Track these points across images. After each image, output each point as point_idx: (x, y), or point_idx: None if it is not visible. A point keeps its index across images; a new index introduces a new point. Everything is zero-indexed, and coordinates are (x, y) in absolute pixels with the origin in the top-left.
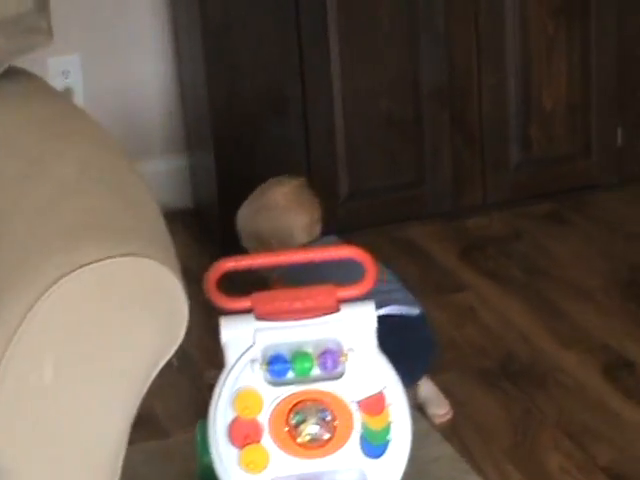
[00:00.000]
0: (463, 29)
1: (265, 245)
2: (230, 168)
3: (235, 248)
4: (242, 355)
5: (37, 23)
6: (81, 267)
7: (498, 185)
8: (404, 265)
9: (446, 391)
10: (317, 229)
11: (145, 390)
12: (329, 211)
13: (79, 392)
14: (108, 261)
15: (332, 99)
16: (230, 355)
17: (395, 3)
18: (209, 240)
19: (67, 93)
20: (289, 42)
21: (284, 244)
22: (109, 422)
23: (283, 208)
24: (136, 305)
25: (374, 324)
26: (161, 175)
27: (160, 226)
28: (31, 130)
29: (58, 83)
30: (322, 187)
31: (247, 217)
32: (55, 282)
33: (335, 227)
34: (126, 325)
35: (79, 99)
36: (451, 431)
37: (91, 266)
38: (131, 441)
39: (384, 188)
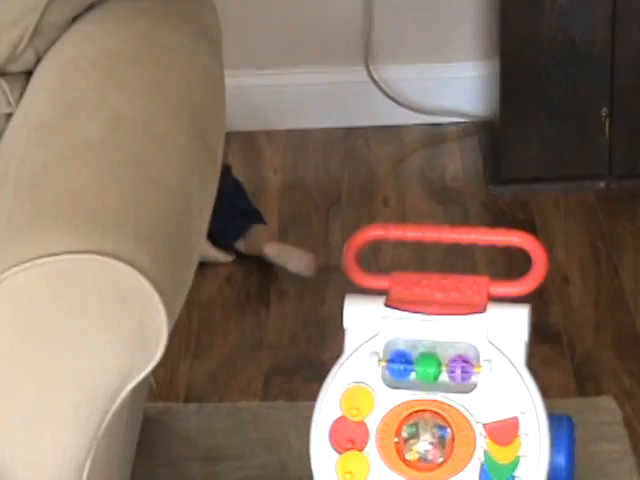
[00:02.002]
0: None
1: None
2: (518, 85)
3: (509, 169)
4: (362, 345)
5: None
6: (33, 259)
7: None
8: None
9: None
10: None
11: (112, 411)
12: (631, 148)
13: (24, 409)
14: (66, 257)
15: None
16: (349, 342)
17: None
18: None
19: None
20: None
21: None
22: (61, 446)
23: None
24: (97, 314)
25: (526, 334)
26: (466, 81)
27: (168, 216)
28: (96, 68)
29: None
30: (626, 122)
31: None
32: (2, 272)
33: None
34: (82, 336)
35: None
36: None
37: (44, 260)
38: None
39: None
